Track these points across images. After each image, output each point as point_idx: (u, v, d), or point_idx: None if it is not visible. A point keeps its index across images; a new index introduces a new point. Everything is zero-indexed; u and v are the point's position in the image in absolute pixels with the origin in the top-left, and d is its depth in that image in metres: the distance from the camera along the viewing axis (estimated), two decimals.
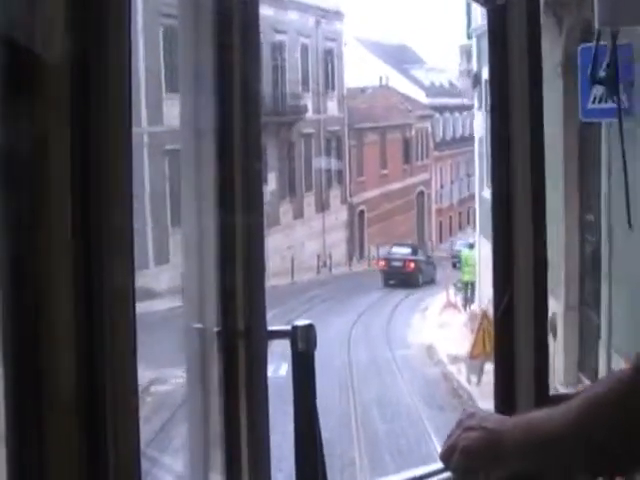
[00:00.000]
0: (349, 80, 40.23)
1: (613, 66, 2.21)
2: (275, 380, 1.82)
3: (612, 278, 9.59)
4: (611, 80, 2.31)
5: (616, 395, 1.27)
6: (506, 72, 1.89)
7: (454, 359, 16.14)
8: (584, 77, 7.40)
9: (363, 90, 42.93)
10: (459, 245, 30.78)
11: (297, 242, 32.95)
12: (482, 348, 13.51)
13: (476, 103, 22.18)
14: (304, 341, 1.53)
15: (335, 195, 37.71)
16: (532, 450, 1.29)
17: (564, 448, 1.27)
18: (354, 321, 22.05)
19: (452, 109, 47.91)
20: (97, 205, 0.93)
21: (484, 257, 17.54)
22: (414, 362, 17.51)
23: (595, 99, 7.98)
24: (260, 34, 1.50)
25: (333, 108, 38.14)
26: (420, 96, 45.90)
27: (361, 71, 41.38)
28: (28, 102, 0.90)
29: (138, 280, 1.01)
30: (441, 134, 47.55)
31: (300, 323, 1.55)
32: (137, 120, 22.16)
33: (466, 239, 30.32)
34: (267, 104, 28.93)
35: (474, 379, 14.17)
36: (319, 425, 1.56)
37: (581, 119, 8.87)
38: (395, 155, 42.80)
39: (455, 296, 24.37)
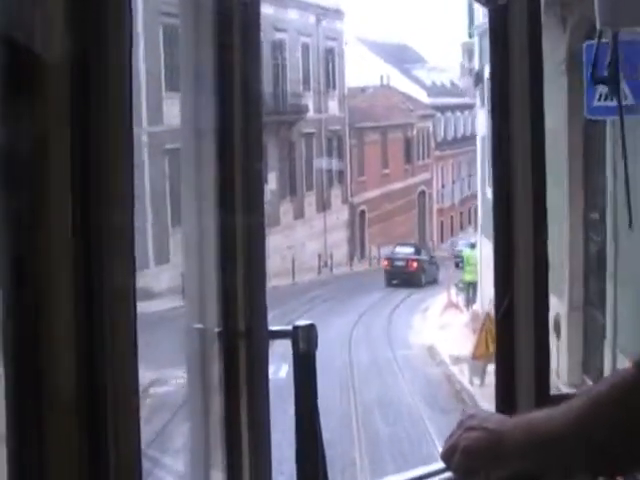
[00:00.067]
0: (350, 79, 40.25)
1: (614, 65, 2.21)
2: (275, 382, 1.82)
3: (617, 277, 9.57)
4: (613, 79, 2.31)
5: (618, 394, 1.27)
6: (507, 71, 1.90)
7: (456, 360, 16.10)
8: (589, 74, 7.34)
9: (364, 89, 42.95)
10: (461, 245, 30.76)
11: (298, 242, 32.96)
12: (485, 349, 13.40)
13: (478, 101, 22.17)
14: (305, 341, 1.52)
15: (336, 195, 37.72)
16: (533, 450, 1.29)
17: (565, 448, 1.27)
18: (355, 321, 22.06)
19: (453, 108, 47.93)
20: (97, 205, 0.93)
21: (485, 257, 17.53)
22: (415, 362, 17.50)
23: (600, 96, 7.91)
24: (261, 33, 1.50)
25: (334, 107, 38.15)
26: (421, 95, 45.93)
27: (362, 70, 41.38)
28: (28, 102, 0.90)
29: (138, 280, 1.01)
30: (442, 134, 47.57)
31: (301, 323, 1.55)
32: (137, 120, 22.16)
33: (467, 239, 30.33)
34: (268, 103, 28.93)
35: (477, 381, 14.09)
36: (320, 425, 1.56)
37: (586, 116, 8.76)
38: (396, 155, 42.81)
39: (457, 296, 24.36)
